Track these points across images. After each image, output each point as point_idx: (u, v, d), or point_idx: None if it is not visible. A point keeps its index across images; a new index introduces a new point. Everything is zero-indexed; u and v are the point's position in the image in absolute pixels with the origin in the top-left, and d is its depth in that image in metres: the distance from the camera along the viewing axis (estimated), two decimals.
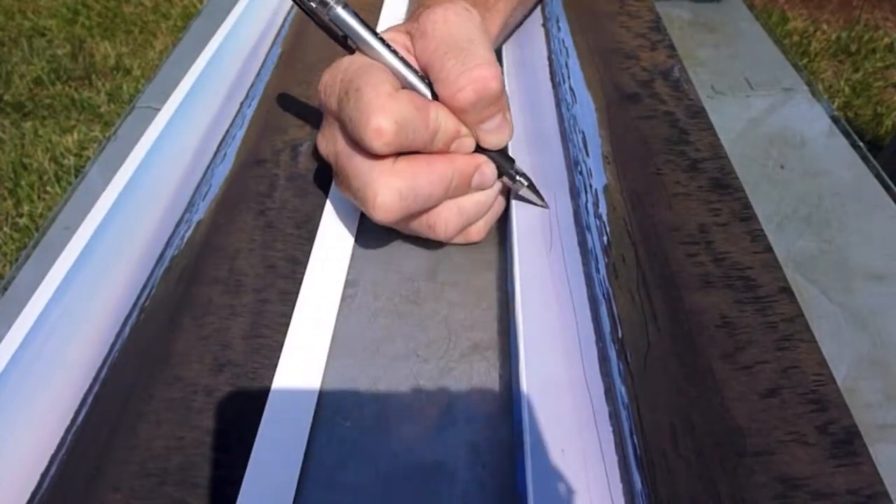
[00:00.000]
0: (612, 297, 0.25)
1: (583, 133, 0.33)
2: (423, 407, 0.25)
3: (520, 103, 0.36)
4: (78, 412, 0.25)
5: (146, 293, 0.29)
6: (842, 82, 1.55)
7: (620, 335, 0.24)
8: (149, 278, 0.30)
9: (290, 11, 0.49)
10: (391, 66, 0.26)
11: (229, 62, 0.44)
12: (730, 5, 0.51)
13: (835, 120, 0.39)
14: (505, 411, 0.25)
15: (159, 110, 0.38)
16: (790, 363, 0.22)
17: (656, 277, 0.26)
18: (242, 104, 0.40)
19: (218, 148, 0.37)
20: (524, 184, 0.29)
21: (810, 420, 0.21)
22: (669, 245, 0.27)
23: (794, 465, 0.20)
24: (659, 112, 0.34)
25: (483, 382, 0.26)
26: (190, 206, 0.33)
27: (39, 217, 1.27)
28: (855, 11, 1.80)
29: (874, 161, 0.35)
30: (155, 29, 1.88)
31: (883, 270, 0.30)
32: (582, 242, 0.28)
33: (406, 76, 0.26)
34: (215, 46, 0.43)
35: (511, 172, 0.29)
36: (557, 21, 0.42)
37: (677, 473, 0.20)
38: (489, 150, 0.28)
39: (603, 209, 0.29)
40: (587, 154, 0.31)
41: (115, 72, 1.70)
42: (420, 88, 0.26)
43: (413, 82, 0.26)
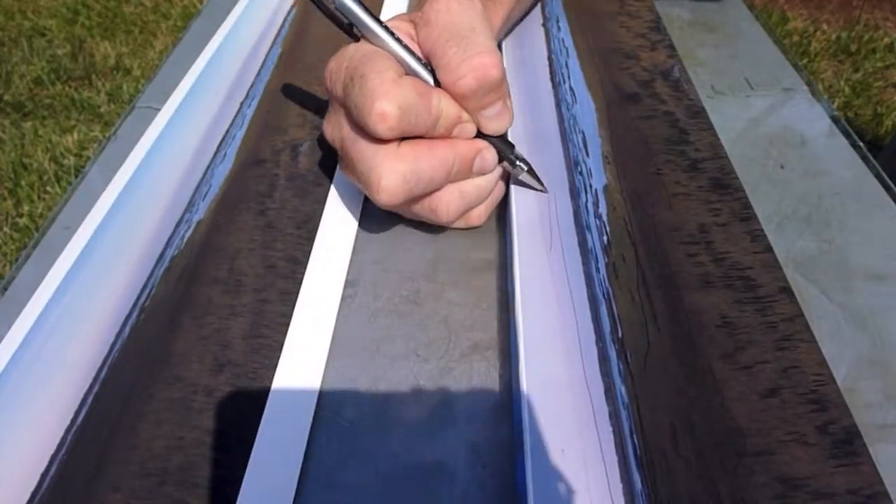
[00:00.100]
0: (612, 297, 0.25)
1: (583, 133, 0.33)
2: (424, 407, 0.25)
3: (520, 103, 0.36)
4: (78, 412, 0.25)
5: (146, 293, 0.29)
6: (842, 82, 1.55)
7: (620, 335, 0.24)
8: (149, 278, 0.30)
9: (290, 11, 0.49)
10: (395, 54, 0.27)
11: (229, 62, 0.44)
12: (730, 5, 0.51)
13: (835, 120, 0.38)
14: (505, 411, 0.25)
15: (159, 110, 0.38)
16: (790, 363, 0.22)
17: (656, 277, 0.26)
18: (242, 104, 0.40)
19: (218, 148, 0.37)
20: (524, 168, 0.30)
21: (810, 420, 0.21)
22: (669, 245, 0.27)
23: (794, 465, 0.20)
24: (659, 112, 0.34)
25: (483, 382, 0.26)
26: (190, 206, 0.33)
27: (39, 217, 1.27)
28: (855, 11, 1.79)
29: (874, 161, 0.35)
30: (155, 29, 1.88)
31: (883, 270, 0.30)
32: (582, 242, 0.28)
33: (409, 63, 0.27)
34: (215, 46, 0.43)
35: (511, 157, 0.29)
36: (557, 21, 0.42)
37: (677, 473, 0.20)
38: (490, 136, 0.29)
39: (603, 209, 0.29)
40: (587, 154, 0.31)
41: (115, 72, 1.70)
42: (423, 75, 0.27)
43: (416, 69, 0.27)
